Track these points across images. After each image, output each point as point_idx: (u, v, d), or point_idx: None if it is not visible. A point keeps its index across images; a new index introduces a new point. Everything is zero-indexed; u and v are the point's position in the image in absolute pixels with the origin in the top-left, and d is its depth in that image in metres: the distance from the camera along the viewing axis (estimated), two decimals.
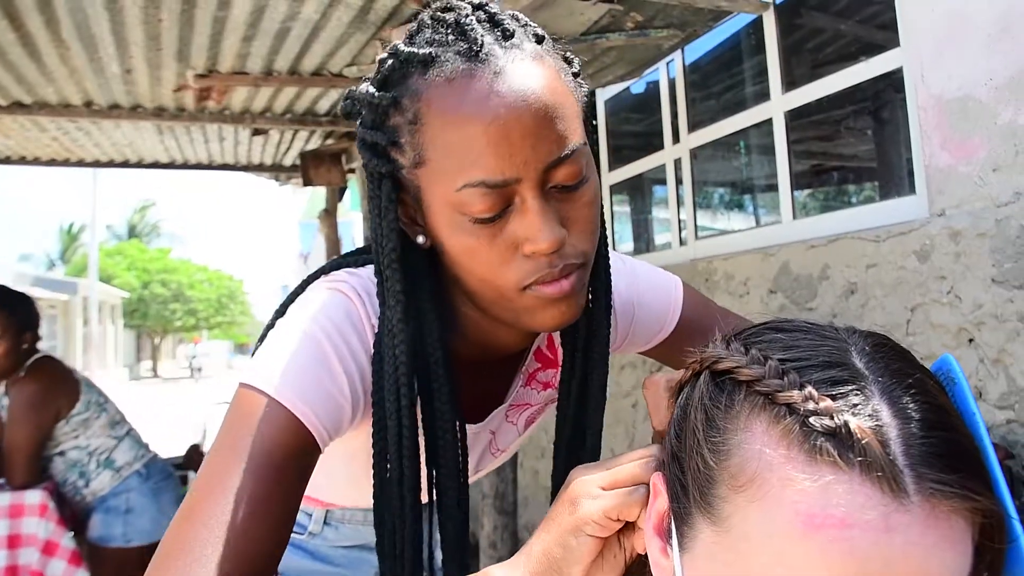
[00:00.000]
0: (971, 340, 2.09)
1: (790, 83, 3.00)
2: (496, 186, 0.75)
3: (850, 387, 0.48)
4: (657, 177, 4.14)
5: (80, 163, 5.87)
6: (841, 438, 0.46)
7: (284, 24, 3.26)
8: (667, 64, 3.77)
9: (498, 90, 0.75)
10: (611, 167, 4.32)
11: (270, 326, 0.92)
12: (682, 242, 3.69)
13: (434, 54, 0.77)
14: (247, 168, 6.37)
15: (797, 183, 3.17)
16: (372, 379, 0.85)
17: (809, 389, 0.48)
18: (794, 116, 3.05)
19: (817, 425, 0.46)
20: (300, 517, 1.26)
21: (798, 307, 2.65)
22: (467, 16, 0.80)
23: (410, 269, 0.86)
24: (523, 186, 0.76)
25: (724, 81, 4.50)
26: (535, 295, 0.80)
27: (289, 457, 0.77)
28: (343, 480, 1.08)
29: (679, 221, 3.75)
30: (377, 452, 0.86)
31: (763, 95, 3.12)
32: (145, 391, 24.47)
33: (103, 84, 3.97)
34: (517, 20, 0.84)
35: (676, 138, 3.71)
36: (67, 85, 3.97)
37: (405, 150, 0.79)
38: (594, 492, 0.66)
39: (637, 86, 4.28)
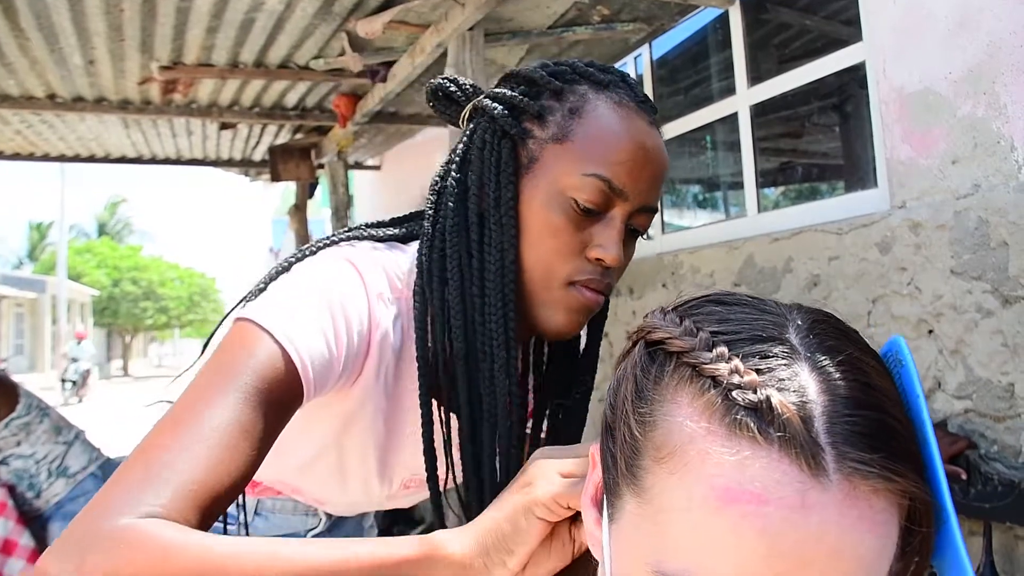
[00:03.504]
0: (931, 331, 2.10)
1: (755, 78, 3.02)
2: (612, 191, 0.89)
3: (780, 362, 0.47)
4: None
5: (45, 157, 5.79)
6: (762, 413, 0.45)
7: (248, 15, 3.22)
8: (635, 59, 3.78)
9: (650, 132, 0.93)
10: None
11: (271, 278, 0.95)
12: (648, 236, 3.68)
13: (608, 82, 0.95)
14: (216, 163, 6.30)
15: (762, 177, 3.18)
16: (417, 343, 0.92)
17: (736, 362, 0.47)
18: (760, 111, 3.06)
19: (739, 399, 0.45)
20: (230, 507, 1.24)
21: None
22: (631, 78, 1.00)
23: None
24: (623, 206, 0.91)
25: (691, 76, 4.51)
26: (575, 294, 0.92)
27: (278, 395, 0.77)
28: (323, 470, 1.05)
29: None
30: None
31: (729, 90, 3.13)
32: (116, 390, 24.18)
33: (65, 76, 3.91)
34: None
35: None
36: (28, 77, 3.91)
37: (548, 125, 0.93)
38: (551, 477, 0.70)
39: None
